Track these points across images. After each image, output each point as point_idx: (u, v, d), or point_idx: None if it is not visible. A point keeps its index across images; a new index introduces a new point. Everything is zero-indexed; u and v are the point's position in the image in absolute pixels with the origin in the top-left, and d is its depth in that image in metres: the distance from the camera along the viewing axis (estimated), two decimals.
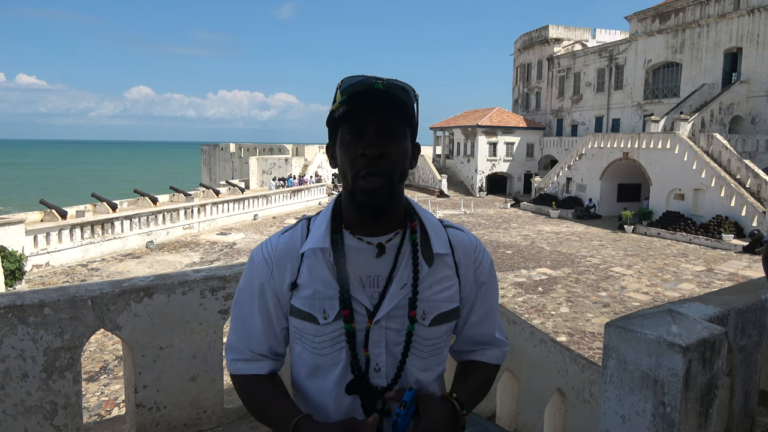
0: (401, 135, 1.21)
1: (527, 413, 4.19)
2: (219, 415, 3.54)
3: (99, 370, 9.88)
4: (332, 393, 1.25)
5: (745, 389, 3.14)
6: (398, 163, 1.21)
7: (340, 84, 1.22)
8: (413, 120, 1.24)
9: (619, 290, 16.31)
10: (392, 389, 1.24)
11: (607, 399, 2.30)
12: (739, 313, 2.99)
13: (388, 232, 1.27)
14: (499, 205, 38.75)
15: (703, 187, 26.55)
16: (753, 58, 31.28)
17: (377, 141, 1.18)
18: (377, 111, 1.18)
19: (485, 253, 1.38)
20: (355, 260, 1.24)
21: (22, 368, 2.78)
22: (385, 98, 1.17)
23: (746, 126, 31.66)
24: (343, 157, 1.21)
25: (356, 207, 1.24)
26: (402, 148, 1.22)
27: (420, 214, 1.32)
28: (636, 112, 39.69)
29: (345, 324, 1.21)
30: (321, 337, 1.23)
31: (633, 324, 2.21)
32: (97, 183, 73.65)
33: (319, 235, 1.25)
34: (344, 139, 1.21)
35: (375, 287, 1.24)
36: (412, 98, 1.22)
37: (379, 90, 1.16)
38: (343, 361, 1.23)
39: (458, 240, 1.34)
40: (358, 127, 1.19)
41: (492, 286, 1.39)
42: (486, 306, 1.38)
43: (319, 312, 1.22)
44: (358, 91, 1.16)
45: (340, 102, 1.18)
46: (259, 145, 52.46)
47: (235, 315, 1.34)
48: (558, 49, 47.47)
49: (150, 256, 20.90)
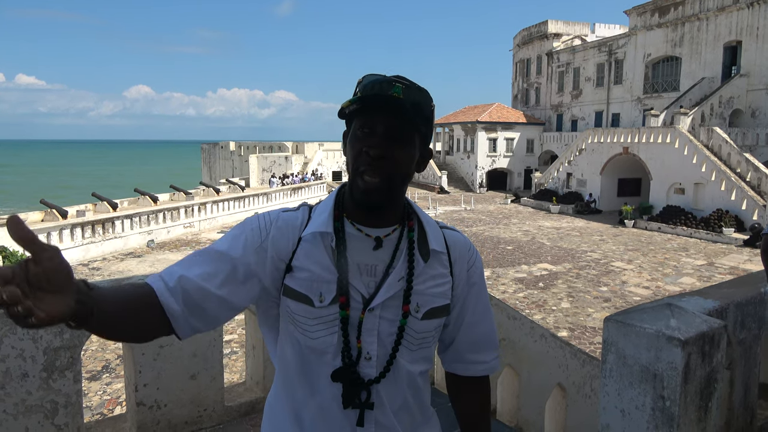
0: (410, 141, 1.22)
1: (528, 409, 4.19)
2: (220, 413, 3.54)
3: (101, 369, 9.90)
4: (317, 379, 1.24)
5: (745, 382, 3.14)
6: (401, 167, 1.22)
7: (361, 80, 1.23)
8: (426, 127, 1.24)
9: (619, 285, 16.31)
10: (380, 381, 1.24)
11: (606, 393, 2.30)
12: (739, 306, 2.99)
13: (386, 226, 1.28)
14: (500, 201, 38.74)
15: (703, 181, 26.53)
16: (753, 52, 31.20)
17: (383, 143, 1.19)
18: (390, 113, 1.18)
19: (477, 255, 1.41)
20: (354, 249, 1.25)
21: (22, 368, 2.78)
22: (399, 103, 1.17)
23: (746, 119, 31.60)
24: (351, 151, 1.23)
25: (353, 200, 1.26)
26: (408, 153, 1.22)
27: (418, 214, 1.35)
28: (636, 107, 39.63)
29: (340, 310, 1.21)
30: (314, 320, 1.22)
31: (632, 318, 2.21)
32: (98, 182, 73.68)
33: (323, 220, 1.25)
34: (355, 133, 1.22)
35: (372, 276, 1.25)
36: (428, 106, 1.23)
37: (394, 97, 1.17)
38: (334, 346, 1.23)
39: (453, 240, 1.36)
40: (369, 125, 1.20)
41: (482, 288, 1.41)
42: (480, 308, 1.40)
43: (315, 294, 1.21)
44: (373, 95, 1.17)
45: (352, 101, 1.19)
46: (259, 143, 52.45)
47: (197, 257, 1.18)
48: (557, 44, 47.37)
49: (151, 255, 20.92)
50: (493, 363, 1.44)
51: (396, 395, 1.28)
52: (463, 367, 1.43)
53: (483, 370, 1.43)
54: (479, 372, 1.43)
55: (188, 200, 26.78)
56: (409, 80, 1.22)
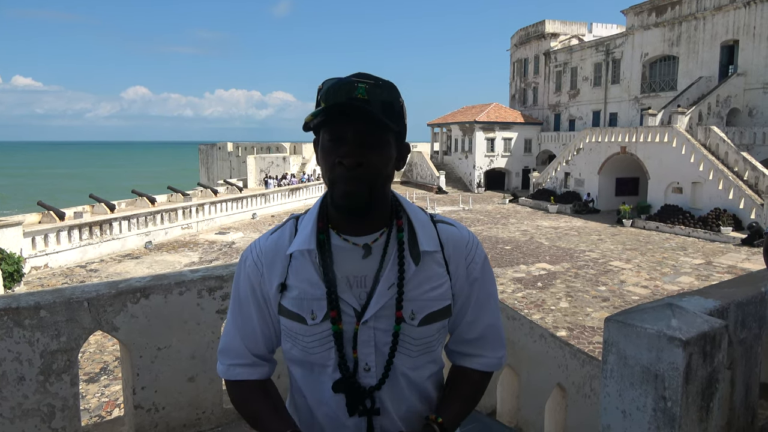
0: (383, 143, 1.16)
1: (528, 409, 4.18)
2: (218, 415, 3.52)
3: (99, 372, 9.87)
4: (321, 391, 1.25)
5: (746, 382, 3.13)
6: (380, 170, 1.16)
7: (321, 86, 1.16)
8: (398, 124, 1.18)
9: (618, 284, 16.32)
10: (380, 388, 1.23)
11: (607, 394, 2.29)
12: (740, 305, 2.98)
13: (373, 232, 1.23)
14: (498, 201, 38.75)
15: (701, 180, 26.56)
16: (749, 51, 31.25)
17: (356, 150, 1.13)
18: (356, 118, 1.12)
19: (478, 248, 1.33)
20: (342, 261, 1.21)
21: (18, 371, 2.76)
22: (364, 107, 1.10)
23: (743, 118, 31.65)
24: (323, 162, 1.18)
25: (335, 209, 1.21)
26: (384, 155, 1.17)
27: (407, 211, 1.27)
28: (633, 106, 39.67)
29: (332, 325, 1.19)
30: (310, 337, 1.22)
31: (633, 318, 2.20)
32: (95, 184, 73.53)
33: (305, 236, 1.22)
34: (324, 144, 1.16)
35: (362, 287, 1.21)
36: (398, 101, 1.16)
37: (358, 99, 1.10)
38: (333, 360, 1.22)
39: (448, 235, 1.29)
40: (337, 133, 1.14)
41: (486, 282, 1.34)
42: (480, 304, 1.33)
43: (307, 313, 1.20)
44: (336, 103, 1.11)
45: (314, 114, 1.12)
46: (257, 144, 52.38)
47: (233, 316, 1.32)
48: (555, 44, 47.41)
49: (149, 256, 20.87)
50: (494, 360, 1.36)
51: (400, 402, 1.26)
52: (461, 359, 1.37)
53: (479, 364, 1.35)
54: (476, 365, 1.35)
55: (186, 201, 26.74)
56: (372, 76, 1.15)
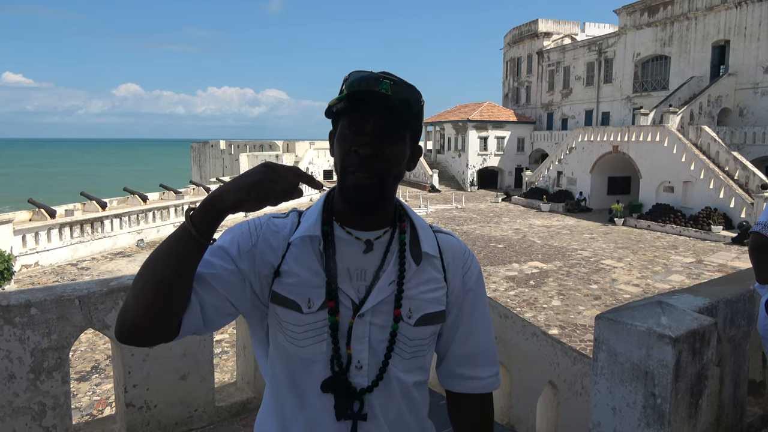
0: (400, 138, 1.19)
1: (520, 406, 4.20)
2: (210, 413, 3.52)
3: (90, 370, 9.81)
4: (306, 390, 1.20)
5: (735, 379, 3.17)
6: (392, 165, 1.18)
7: (347, 77, 1.19)
8: (416, 124, 1.21)
9: (610, 283, 16.41)
10: (372, 390, 1.19)
11: (598, 391, 2.30)
12: (728, 303, 3.01)
13: (376, 229, 1.24)
14: (491, 200, 38.84)
15: (692, 180, 26.74)
16: (740, 51, 31.47)
17: (374, 141, 1.15)
18: (379, 111, 1.15)
19: (474, 260, 1.35)
20: (343, 252, 1.21)
21: (8, 369, 2.74)
22: (388, 101, 1.13)
23: (734, 118, 31.88)
24: (339, 150, 1.19)
25: (344, 200, 1.22)
26: (399, 151, 1.19)
27: (410, 216, 1.30)
28: (625, 106, 39.86)
29: (329, 316, 1.17)
30: (303, 327, 1.18)
31: (623, 316, 2.22)
32: (86, 181, 73.05)
33: (310, 224, 1.22)
34: (343, 132, 1.18)
35: (362, 281, 1.21)
36: (418, 102, 1.20)
37: (382, 93, 1.13)
38: (323, 355, 1.18)
39: (447, 244, 1.31)
40: (358, 123, 1.16)
41: (480, 294, 1.34)
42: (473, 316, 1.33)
43: (304, 300, 1.18)
44: (360, 91, 1.13)
45: (339, 99, 1.15)
46: (249, 142, 52.19)
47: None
48: (547, 43, 47.53)
49: (140, 254, 20.76)
50: (490, 380, 1.34)
51: (390, 407, 1.23)
52: (458, 383, 1.35)
53: (479, 387, 1.33)
54: (474, 389, 1.33)
55: (178, 199, 26.61)
56: (396, 76, 1.18)
